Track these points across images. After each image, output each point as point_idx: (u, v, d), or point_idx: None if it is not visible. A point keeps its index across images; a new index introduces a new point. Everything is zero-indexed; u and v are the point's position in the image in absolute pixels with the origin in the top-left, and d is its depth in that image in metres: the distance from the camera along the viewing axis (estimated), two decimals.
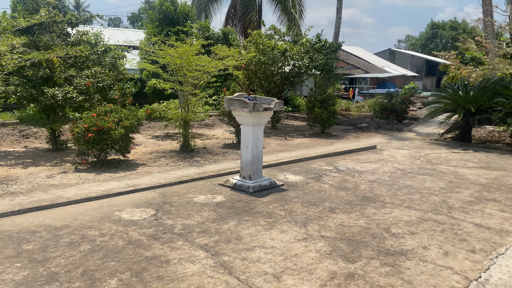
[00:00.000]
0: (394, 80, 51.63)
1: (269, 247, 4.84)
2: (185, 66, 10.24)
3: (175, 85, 10.80)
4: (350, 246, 4.92)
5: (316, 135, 14.38)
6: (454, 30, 72.84)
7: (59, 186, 7.42)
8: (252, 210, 6.19)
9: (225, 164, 9.47)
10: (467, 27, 74.39)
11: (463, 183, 8.01)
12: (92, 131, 8.68)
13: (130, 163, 9.54)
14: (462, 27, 73.09)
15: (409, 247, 4.93)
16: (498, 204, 6.69)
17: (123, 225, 5.54)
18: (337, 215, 6.04)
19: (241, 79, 11.89)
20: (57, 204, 6.31)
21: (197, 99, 11.09)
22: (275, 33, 16.32)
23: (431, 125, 16.22)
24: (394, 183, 7.97)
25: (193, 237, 5.13)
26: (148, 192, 7.13)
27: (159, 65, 10.45)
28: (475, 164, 9.95)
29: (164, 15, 17.14)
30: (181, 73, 10.48)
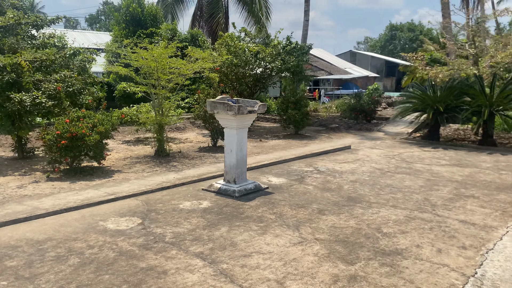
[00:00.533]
0: (356, 81, 52.79)
1: (266, 253, 4.77)
2: (160, 69, 10.00)
3: (148, 89, 10.54)
4: (346, 248, 4.92)
5: (290, 136, 14.44)
6: (412, 32, 75.32)
7: (33, 197, 7.06)
8: (242, 215, 6.10)
9: (204, 168, 9.32)
10: (423, 28, 77.20)
11: (440, 181, 8.23)
12: (65, 138, 8.32)
13: (105, 170, 9.22)
14: (419, 28, 75.69)
15: (403, 246, 4.99)
16: (477, 201, 6.91)
17: (110, 235, 5.31)
18: (327, 216, 6.05)
19: (215, 82, 11.74)
20: (36, 216, 5.99)
21: (172, 102, 10.87)
22: (246, 35, 16.27)
23: (399, 124, 16.65)
24: (375, 182, 8.09)
25: (186, 245, 4.99)
26: (130, 200, 6.89)
27: (132, 68, 10.14)
28: (447, 161, 10.27)
29: (131, 17, 16.73)
30: (155, 76, 10.23)
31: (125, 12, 16.89)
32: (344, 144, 12.53)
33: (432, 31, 75.70)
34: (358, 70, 55.99)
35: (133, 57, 10.09)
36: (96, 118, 9.18)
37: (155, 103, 10.88)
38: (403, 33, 77.88)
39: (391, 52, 78.55)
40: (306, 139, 13.91)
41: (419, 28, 77.74)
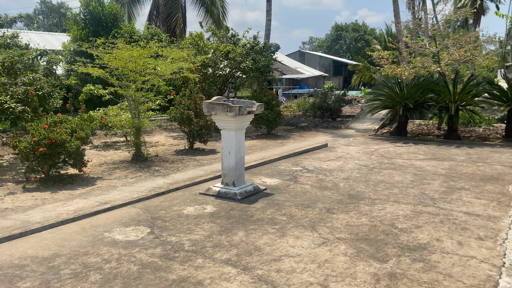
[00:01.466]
0: (307, 80, 53.77)
1: (295, 255, 4.68)
2: (139, 69, 9.59)
3: (123, 90, 10.08)
4: (371, 245, 4.93)
5: (263, 137, 14.39)
6: (356, 32, 77.84)
7: (17, 210, 6.51)
8: (252, 218, 5.95)
9: (191, 172, 9.05)
10: (367, 28, 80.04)
11: (427, 175, 8.51)
12: (43, 145, 7.76)
13: (83, 177, 8.70)
14: (363, 29, 78.37)
15: (424, 240, 5.07)
16: (469, 192, 7.20)
17: (123, 247, 4.99)
18: (337, 215, 6.05)
19: (191, 82, 11.45)
20: (31, 230, 5.50)
21: (148, 105, 10.47)
22: (214, 34, 16.02)
23: (365, 121, 17.10)
24: (367, 179, 8.21)
25: (210, 252, 4.78)
26: (128, 208, 6.53)
27: (109, 69, 9.64)
28: (423, 156, 10.65)
29: (91, 16, 15.93)
30: (132, 77, 9.80)
31: (84, 11, 16.06)
32: (320, 143, 12.66)
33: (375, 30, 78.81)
34: (309, 70, 57.05)
35: (106, 58, 9.58)
36: (73, 122, 8.64)
37: (131, 105, 10.42)
38: (348, 33, 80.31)
39: (337, 52, 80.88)
40: (280, 139, 13.92)
41: (363, 28, 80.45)
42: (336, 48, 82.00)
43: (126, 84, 10.03)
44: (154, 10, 25.13)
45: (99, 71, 9.46)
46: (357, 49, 77.74)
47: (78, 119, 8.73)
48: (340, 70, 68.77)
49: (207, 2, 24.19)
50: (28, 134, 9.98)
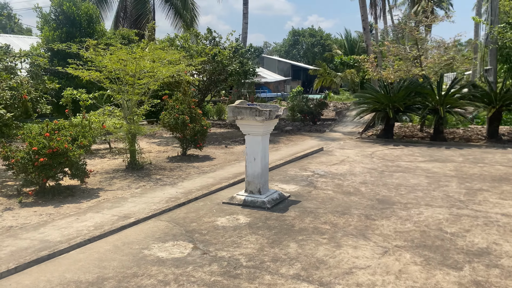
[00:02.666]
0: (268, 84, 53.98)
1: (365, 267, 4.43)
2: (138, 72, 9.02)
3: (117, 94, 9.46)
4: (435, 252, 4.78)
5: None
6: (313, 37, 79.21)
7: (26, 228, 5.85)
8: (294, 228, 5.65)
9: (198, 180, 8.61)
10: (323, 34, 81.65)
11: (439, 177, 8.55)
12: (44, 155, 7.07)
13: (82, 189, 8.05)
14: (320, 34, 79.89)
15: (482, 245, 4.99)
16: (491, 193, 7.26)
17: (173, 265, 4.53)
18: (380, 221, 5.87)
19: (186, 86, 10.96)
20: (59, 251, 4.91)
21: (146, 107, 9.91)
22: (196, 37, 15.53)
23: (347, 125, 17.21)
24: (384, 183, 8.13)
25: (273, 268, 4.44)
26: (153, 222, 6.03)
27: (105, 72, 8.99)
28: (422, 158, 10.76)
29: (65, 16, 14.96)
30: (130, 81, 9.21)
31: (56, 11, 15.06)
32: (314, 147, 12.53)
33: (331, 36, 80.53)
34: (270, 74, 57.31)
35: (105, 59, 8.94)
36: (71, 130, 7.97)
37: (126, 111, 9.80)
38: (305, 38, 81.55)
39: (294, 56, 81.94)
40: (270, 143, 13.66)
41: (319, 33, 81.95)
42: (294, 53, 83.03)
43: (122, 88, 9.43)
44: (121, 11, 24.18)
45: (95, 73, 8.81)
46: (314, 54, 79.11)
47: (79, 126, 8.03)
48: (298, 74, 69.67)
49: (178, 5, 23.58)
50: (15, 143, 9.15)
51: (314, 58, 74.02)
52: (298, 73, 69.53)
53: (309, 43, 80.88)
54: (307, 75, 62.31)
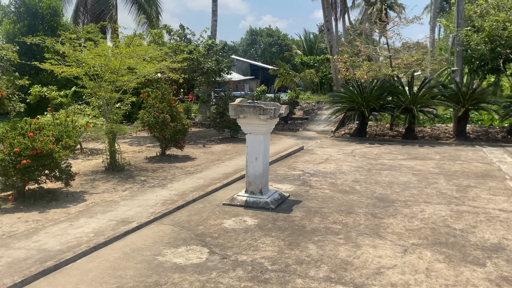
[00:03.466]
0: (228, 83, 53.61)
1: (392, 267, 4.40)
2: (121, 69, 8.59)
3: (98, 91, 8.97)
4: (452, 249, 4.84)
5: (228, 140, 13.90)
6: (271, 37, 79.65)
7: (16, 236, 5.40)
8: (306, 229, 5.55)
9: (188, 181, 8.33)
10: (280, 34, 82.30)
11: (426, 174, 8.75)
12: (27, 156, 6.56)
13: (65, 192, 7.58)
14: (277, 34, 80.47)
15: (494, 240, 5.11)
16: (480, 190, 7.51)
17: (195, 272, 4.30)
18: (387, 220, 5.90)
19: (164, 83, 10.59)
20: (65, 261, 4.53)
21: (127, 108, 9.47)
22: (168, 33, 15.07)
23: (320, 123, 17.36)
24: (376, 181, 8.21)
25: (300, 271, 4.31)
26: (156, 226, 5.73)
27: (87, 68, 8.49)
28: (401, 156, 11.00)
29: (26, 8, 14.02)
30: (113, 78, 8.76)
31: (16, 3, 14.09)
32: (293, 146, 12.53)
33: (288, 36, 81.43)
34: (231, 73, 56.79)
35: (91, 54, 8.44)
36: (53, 129, 7.45)
37: (106, 110, 9.32)
38: (263, 38, 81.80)
39: (252, 56, 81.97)
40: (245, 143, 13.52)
41: (276, 33, 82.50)
42: (252, 52, 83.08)
43: (102, 85, 8.95)
44: (81, 6, 23.11)
45: (76, 69, 8.29)
46: (272, 53, 79.57)
47: (61, 126, 7.51)
48: (257, 73, 69.82)
49: (142, 0, 22.86)
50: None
51: (272, 58, 74.43)
52: (257, 72, 69.65)
53: (266, 42, 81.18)
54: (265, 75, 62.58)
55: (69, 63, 8.43)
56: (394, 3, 60.27)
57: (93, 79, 8.97)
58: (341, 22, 49.39)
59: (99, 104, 9.64)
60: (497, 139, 13.90)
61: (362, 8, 65.97)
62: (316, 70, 47.13)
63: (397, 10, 62.32)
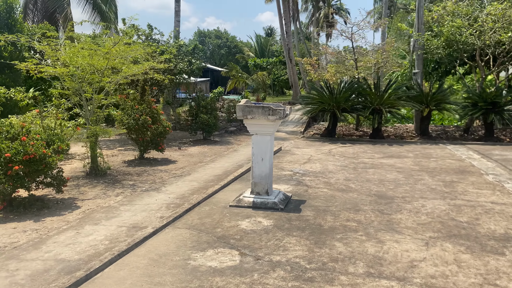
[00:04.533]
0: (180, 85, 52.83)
1: (423, 259, 4.59)
2: (106, 69, 8.25)
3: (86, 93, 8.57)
4: (468, 240, 5.12)
5: (202, 142, 13.75)
6: (219, 39, 79.47)
7: (22, 247, 5.08)
8: (324, 228, 5.64)
9: (181, 184, 8.18)
10: (228, 36, 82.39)
11: (409, 172, 9.16)
12: (19, 162, 6.15)
13: (53, 199, 7.22)
14: (225, 36, 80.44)
15: (500, 231, 5.47)
16: (465, 184, 7.98)
17: (236, 274, 4.24)
18: (395, 215, 6.12)
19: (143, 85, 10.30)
20: (95, 270, 4.29)
21: (110, 110, 9.10)
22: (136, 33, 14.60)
23: (288, 124, 17.59)
24: (366, 179, 8.47)
25: (339, 268, 4.38)
26: (171, 230, 5.57)
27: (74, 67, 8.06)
28: (378, 154, 11.43)
29: None
30: (97, 78, 8.39)
31: None
32: None
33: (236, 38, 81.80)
34: None
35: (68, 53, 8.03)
36: (39, 132, 7.02)
37: (87, 112, 8.91)
38: (211, 40, 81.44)
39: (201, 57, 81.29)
40: (223, 144, 13.46)
41: (225, 35, 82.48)
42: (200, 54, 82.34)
43: (83, 86, 8.55)
44: (29, 3, 21.84)
45: (62, 69, 7.86)
46: (221, 55, 79.42)
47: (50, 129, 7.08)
48: (206, 75, 69.27)
49: None
50: None
51: (221, 60, 74.34)
52: (206, 74, 69.06)
53: (215, 44, 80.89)
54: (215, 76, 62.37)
55: (54, 63, 7.97)
56: (341, 8, 62.37)
57: (74, 80, 8.54)
58: (293, 26, 50.35)
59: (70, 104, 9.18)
60: (455, 137, 14.81)
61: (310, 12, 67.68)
62: (268, 72, 47.75)
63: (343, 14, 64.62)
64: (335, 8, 62.15)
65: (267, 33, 78.65)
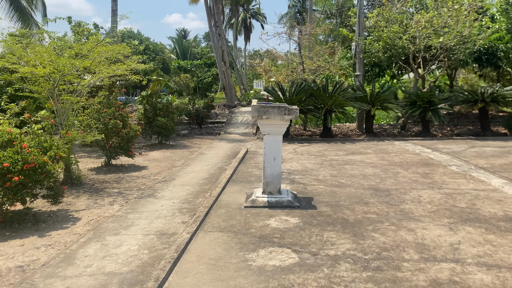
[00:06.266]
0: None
1: (458, 242, 5.02)
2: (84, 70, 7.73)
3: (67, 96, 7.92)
4: (481, 222, 5.70)
5: (160, 147, 13.34)
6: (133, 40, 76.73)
7: (52, 264, 4.65)
8: (350, 221, 5.88)
9: (174, 189, 7.95)
10: (142, 37, 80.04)
11: (382, 166, 9.80)
12: (18, 172, 5.58)
13: (44, 212, 6.64)
14: (139, 37, 77.89)
15: (500, 213, 6.14)
16: (439, 175, 8.75)
17: (307, 270, 4.30)
18: (402, 206, 6.57)
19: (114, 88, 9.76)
20: (162, 280, 4.07)
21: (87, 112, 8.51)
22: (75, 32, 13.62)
23: (238, 126, 17.67)
24: (351, 174, 8.91)
25: (395, 256, 4.64)
26: (206, 235, 5.42)
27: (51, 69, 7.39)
28: (341, 152, 12.03)
29: None
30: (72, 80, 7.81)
31: None
32: (234, 148, 12.65)
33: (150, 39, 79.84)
34: None
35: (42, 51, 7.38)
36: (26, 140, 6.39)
37: (60, 116, 8.24)
38: (125, 41, 78.39)
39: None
40: (183, 148, 13.19)
41: (138, 36, 79.89)
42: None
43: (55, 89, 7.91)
44: None
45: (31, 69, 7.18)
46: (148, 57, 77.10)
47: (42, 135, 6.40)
48: None
49: None
50: None
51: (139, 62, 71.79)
52: None
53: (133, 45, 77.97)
54: None
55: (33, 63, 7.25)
56: (258, 13, 63.78)
57: (48, 80, 7.86)
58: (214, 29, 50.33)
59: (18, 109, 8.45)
60: (395, 134, 16.07)
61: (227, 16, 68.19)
62: (192, 75, 47.25)
63: (260, 19, 66.08)
64: (252, 12, 63.46)
65: (180, 35, 77.86)
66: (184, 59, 52.90)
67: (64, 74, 7.69)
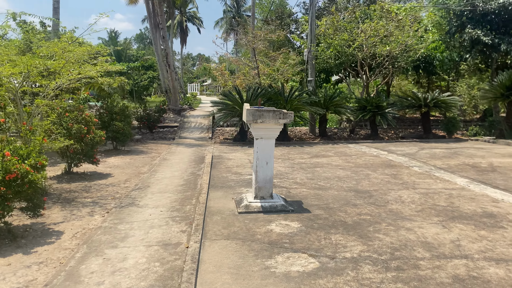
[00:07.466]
0: None
1: (457, 239, 5.31)
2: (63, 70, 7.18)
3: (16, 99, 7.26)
4: (467, 219, 6.07)
5: (116, 153, 12.73)
6: None
7: (55, 284, 4.26)
8: (348, 223, 5.99)
9: (155, 198, 7.61)
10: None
11: (351, 168, 10.11)
12: (1, 182, 5.07)
13: (18, 227, 6.04)
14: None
15: (479, 210, 6.59)
16: (406, 176, 9.21)
17: (332, 274, 4.31)
18: (388, 206, 6.82)
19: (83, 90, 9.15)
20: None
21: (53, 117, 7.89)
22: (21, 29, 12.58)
23: (192, 131, 17.32)
24: (326, 177, 9.09)
25: (408, 256, 4.80)
26: (210, 243, 5.23)
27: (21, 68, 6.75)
28: (304, 155, 12.24)
29: None
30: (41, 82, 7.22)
31: None
32: (198, 153, 12.41)
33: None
34: None
35: None
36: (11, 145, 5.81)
37: (21, 120, 7.57)
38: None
39: None
40: (140, 154, 12.69)
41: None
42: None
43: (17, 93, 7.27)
44: None
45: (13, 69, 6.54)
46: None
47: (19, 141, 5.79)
48: None
49: None
50: None
51: None
52: None
53: None
54: None
55: None
56: (194, 16, 63.23)
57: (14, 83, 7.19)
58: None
59: None
60: (346, 138, 16.68)
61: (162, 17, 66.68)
62: (127, 78, 45.60)
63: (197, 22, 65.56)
64: (188, 16, 62.77)
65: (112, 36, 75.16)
66: (119, 61, 50.93)
67: (29, 76, 7.07)
